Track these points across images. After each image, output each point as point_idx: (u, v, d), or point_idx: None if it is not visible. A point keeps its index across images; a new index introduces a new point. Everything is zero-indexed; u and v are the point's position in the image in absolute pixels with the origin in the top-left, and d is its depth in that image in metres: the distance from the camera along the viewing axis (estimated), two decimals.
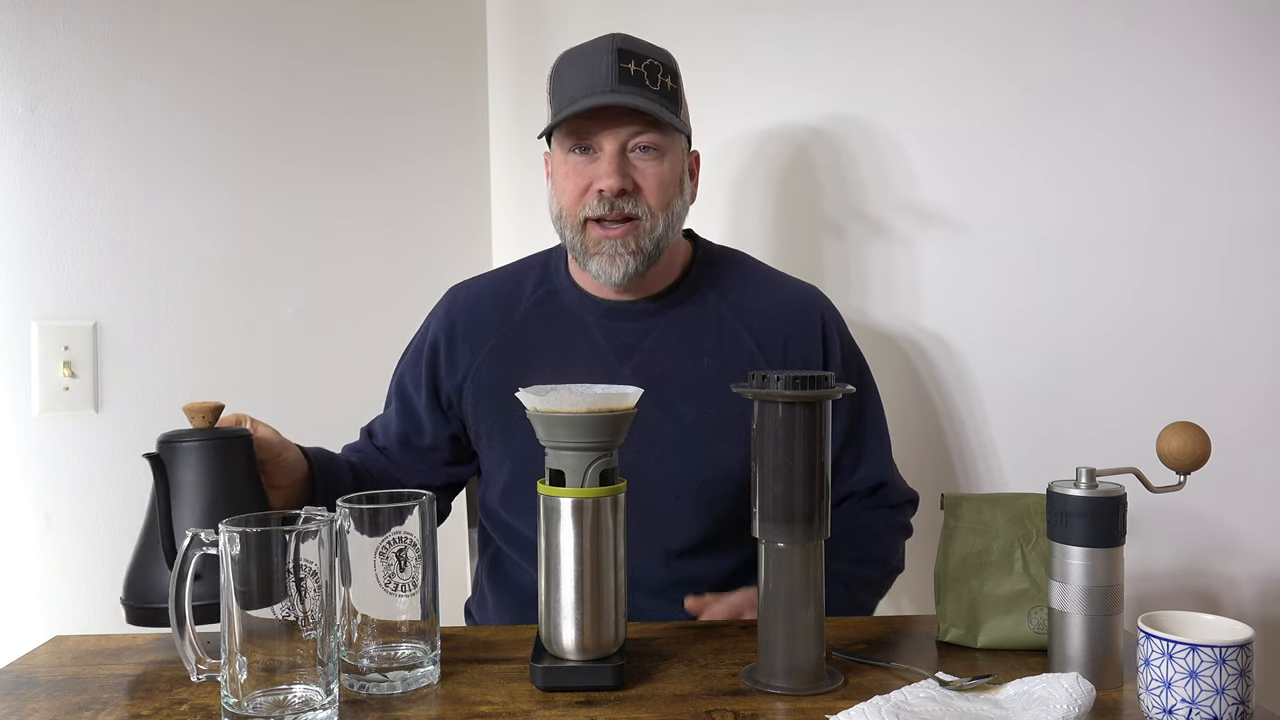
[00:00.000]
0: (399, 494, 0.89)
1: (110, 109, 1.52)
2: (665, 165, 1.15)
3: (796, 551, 0.87)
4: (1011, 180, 1.43)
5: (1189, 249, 1.34)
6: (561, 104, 1.15)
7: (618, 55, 1.12)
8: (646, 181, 1.14)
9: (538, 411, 0.87)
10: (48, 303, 1.48)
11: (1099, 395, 1.39)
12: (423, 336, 1.31)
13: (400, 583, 0.88)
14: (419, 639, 0.89)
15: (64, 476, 1.49)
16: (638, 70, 1.12)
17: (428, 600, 0.89)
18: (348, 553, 0.86)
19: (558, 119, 1.12)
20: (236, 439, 0.97)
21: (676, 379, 1.19)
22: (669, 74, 1.16)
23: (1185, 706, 0.76)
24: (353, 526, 0.87)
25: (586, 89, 1.12)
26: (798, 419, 0.86)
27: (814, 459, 0.87)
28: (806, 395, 0.85)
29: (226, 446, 0.95)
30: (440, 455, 1.29)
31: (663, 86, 1.14)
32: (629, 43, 1.15)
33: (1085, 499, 0.87)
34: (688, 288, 1.24)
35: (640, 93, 1.12)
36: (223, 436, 0.95)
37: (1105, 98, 1.37)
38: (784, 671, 0.87)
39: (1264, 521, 1.33)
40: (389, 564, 0.87)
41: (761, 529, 0.88)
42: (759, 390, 0.87)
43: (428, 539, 0.89)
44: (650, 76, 1.13)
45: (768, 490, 0.88)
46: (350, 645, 0.88)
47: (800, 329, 1.23)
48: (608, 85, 1.11)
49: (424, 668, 0.88)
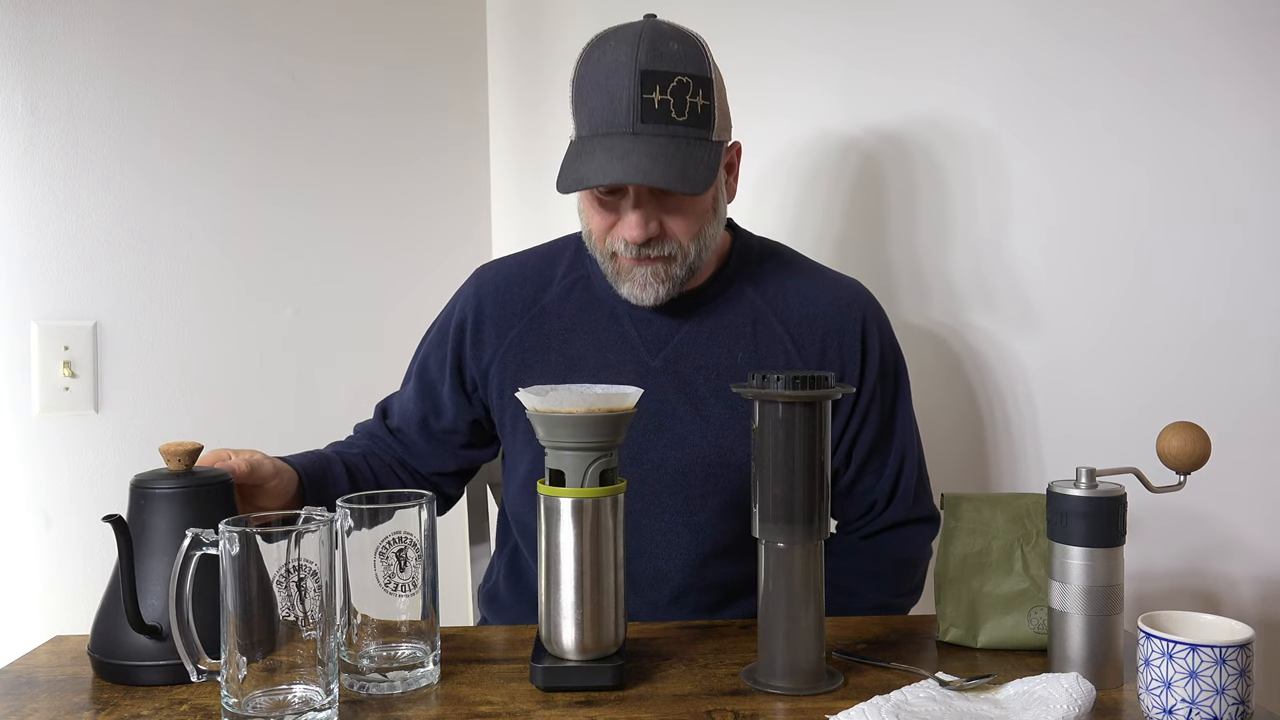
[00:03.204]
0: (399, 494, 0.89)
1: (110, 109, 1.52)
2: (694, 202, 1.08)
3: (796, 552, 0.87)
4: (1012, 180, 1.43)
5: (1189, 248, 1.34)
6: (581, 127, 1.07)
7: (640, 81, 1.01)
8: (675, 224, 1.08)
9: (537, 411, 0.87)
10: (48, 303, 1.48)
11: (1099, 395, 1.39)
12: (448, 316, 1.25)
13: (400, 583, 0.87)
14: (419, 639, 0.89)
15: (64, 476, 1.49)
16: (662, 100, 1.02)
17: (427, 600, 0.89)
18: (346, 553, 0.86)
19: (572, 188, 1.04)
20: (214, 485, 0.91)
21: (708, 376, 1.16)
22: (697, 89, 1.04)
23: (1185, 706, 0.76)
24: (353, 526, 0.87)
25: (607, 123, 1.03)
26: (798, 419, 0.86)
27: (814, 459, 0.87)
28: (806, 395, 0.85)
29: (203, 494, 0.90)
30: (458, 439, 1.26)
31: (691, 110, 1.03)
32: (655, 57, 1.03)
33: (1085, 499, 0.87)
34: (724, 282, 1.19)
35: (664, 131, 1.02)
36: (200, 483, 0.90)
37: (1105, 98, 1.37)
38: (784, 672, 0.87)
39: (1264, 521, 1.33)
40: (389, 564, 0.87)
41: (761, 529, 0.88)
42: (759, 390, 0.87)
43: (427, 539, 0.89)
44: (678, 105, 1.03)
45: (768, 491, 0.88)
46: (350, 645, 0.87)
47: (839, 328, 1.18)
48: (627, 124, 1.02)
49: (424, 668, 0.88)
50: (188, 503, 0.89)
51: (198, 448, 0.93)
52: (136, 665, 0.87)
